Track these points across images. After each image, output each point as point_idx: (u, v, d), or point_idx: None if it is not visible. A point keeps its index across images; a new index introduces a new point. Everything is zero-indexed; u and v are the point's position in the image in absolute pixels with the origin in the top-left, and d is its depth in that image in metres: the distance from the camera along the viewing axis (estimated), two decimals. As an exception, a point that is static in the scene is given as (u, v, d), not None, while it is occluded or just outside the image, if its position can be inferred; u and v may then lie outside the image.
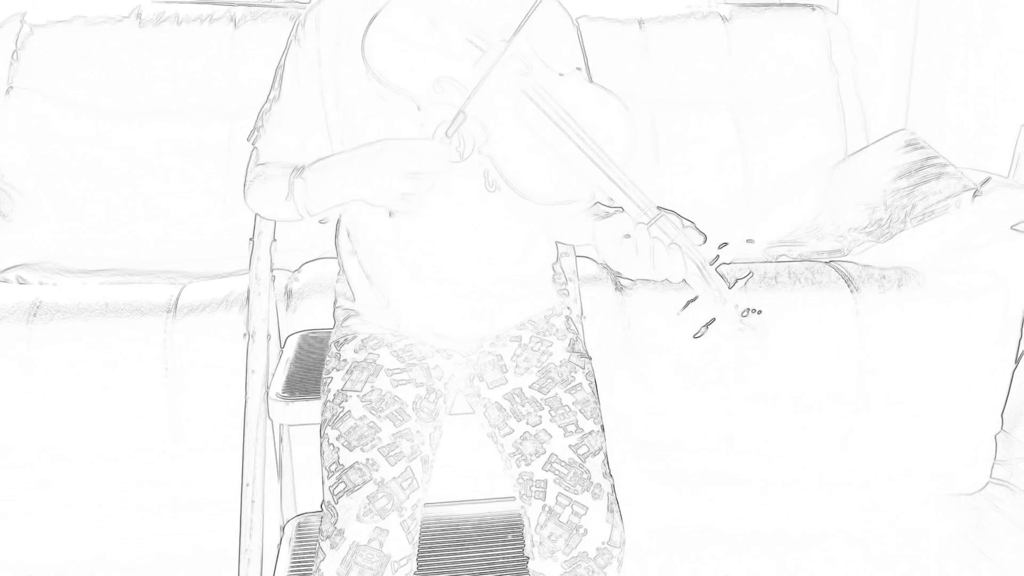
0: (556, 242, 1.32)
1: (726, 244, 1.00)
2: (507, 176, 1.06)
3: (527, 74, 1.07)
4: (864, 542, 1.77)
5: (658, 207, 1.02)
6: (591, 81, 1.19)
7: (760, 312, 0.98)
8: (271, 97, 1.24)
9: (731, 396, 1.68)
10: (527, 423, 1.16)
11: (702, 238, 1.00)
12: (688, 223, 1.01)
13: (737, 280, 0.98)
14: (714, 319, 0.99)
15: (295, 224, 1.62)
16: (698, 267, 0.99)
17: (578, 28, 1.27)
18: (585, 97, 1.09)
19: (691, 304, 1.00)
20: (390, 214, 1.16)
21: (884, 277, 1.70)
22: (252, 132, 1.25)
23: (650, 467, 1.73)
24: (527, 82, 1.06)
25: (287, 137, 1.21)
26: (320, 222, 1.21)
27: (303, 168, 1.15)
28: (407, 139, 1.08)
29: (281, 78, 1.22)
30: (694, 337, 0.99)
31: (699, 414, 1.69)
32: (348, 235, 1.28)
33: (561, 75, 1.09)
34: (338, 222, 1.32)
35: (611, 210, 1.11)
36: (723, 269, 0.99)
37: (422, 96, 1.06)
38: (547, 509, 1.09)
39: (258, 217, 1.40)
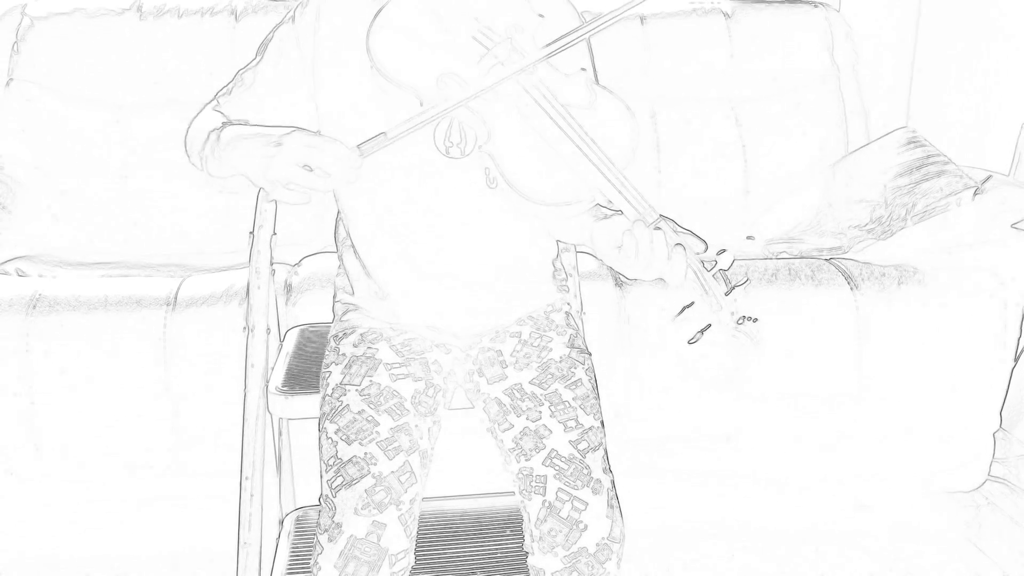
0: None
1: (724, 251, 0.99)
2: (507, 175, 1.06)
3: (531, 73, 1.07)
4: (862, 539, 1.78)
5: (658, 214, 1.02)
6: (596, 81, 1.19)
7: (756, 320, 0.98)
8: (253, 61, 1.24)
9: (730, 393, 1.68)
10: (527, 418, 1.16)
11: (702, 245, 1.00)
12: (685, 231, 1.01)
13: (734, 287, 0.98)
14: (709, 325, 0.99)
15: (297, 218, 1.62)
16: (696, 273, 0.99)
17: None
18: (588, 98, 1.08)
19: (687, 310, 1.00)
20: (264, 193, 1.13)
21: (884, 275, 1.70)
22: (223, 88, 1.26)
23: (648, 463, 1.73)
24: (531, 81, 1.06)
25: (248, 104, 1.21)
26: (214, 178, 1.20)
27: (227, 127, 1.15)
28: (319, 135, 1.07)
29: (266, 48, 1.22)
30: (688, 343, 0.99)
31: (698, 410, 1.69)
32: (346, 227, 1.28)
33: (566, 75, 1.09)
34: (337, 215, 1.32)
35: (610, 212, 1.11)
36: (721, 275, 0.99)
37: (425, 91, 1.06)
38: (547, 504, 1.09)
39: (258, 210, 1.40)
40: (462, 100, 1.04)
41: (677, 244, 0.99)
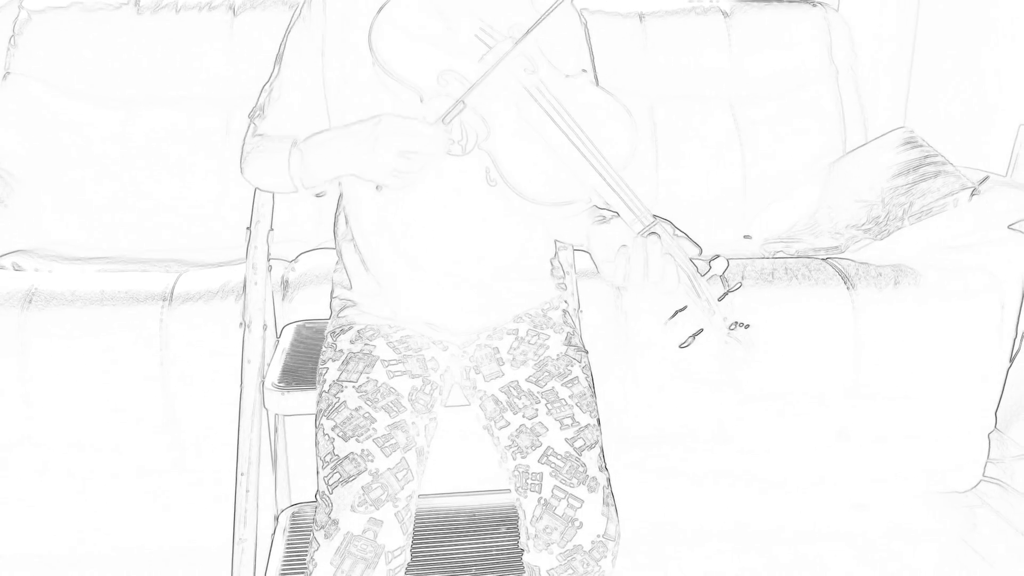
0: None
1: (718, 256, 1.00)
2: (505, 173, 1.06)
3: (532, 73, 1.07)
4: (857, 539, 1.78)
5: (653, 215, 1.02)
6: (597, 82, 1.19)
7: (748, 326, 0.98)
8: (273, 73, 1.24)
9: (726, 392, 1.68)
10: (523, 416, 1.16)
11: (697, 250, 1.00)
12: (681, 233, 1.01)
13: (727, 292, 0.98)
14: (701, 330, 0.99)
15: (293, 213, 1.62)
16: (689, 278, 0.99)
17: (586, 27, 1.28)
18: (588, 100, 1.09)
19: (679, 313, 1.00)
20: (377, 188, 1.16)
21: (880, 275, 1.70)
22: (254, 108, 1.26)
23: (644, 462, 1.73)
24: (531, 81, 1.06)
25: (284, 114, 1.22)
26: (316, 196, 1.22)
27: (299, 141, 1.16)
28: (404, 117, 1.08)
29: (283, 55, 1.23)
30: (680, 347, 1.00)
31: (694, 410, 1.70)
32: (347, 222, 1.28)
33: (567, 76, 1.10)
34: (337, 209, 1.32)
35: (607, 215, 1.11)
36: (715, 279, 0.99)
37: (426, 88, 1.06)
38: (543, 502, 1.09)
39: (255, 206, 1.40)
40: (517, 42, 1.04)
41: (665, 254, 0.99)
